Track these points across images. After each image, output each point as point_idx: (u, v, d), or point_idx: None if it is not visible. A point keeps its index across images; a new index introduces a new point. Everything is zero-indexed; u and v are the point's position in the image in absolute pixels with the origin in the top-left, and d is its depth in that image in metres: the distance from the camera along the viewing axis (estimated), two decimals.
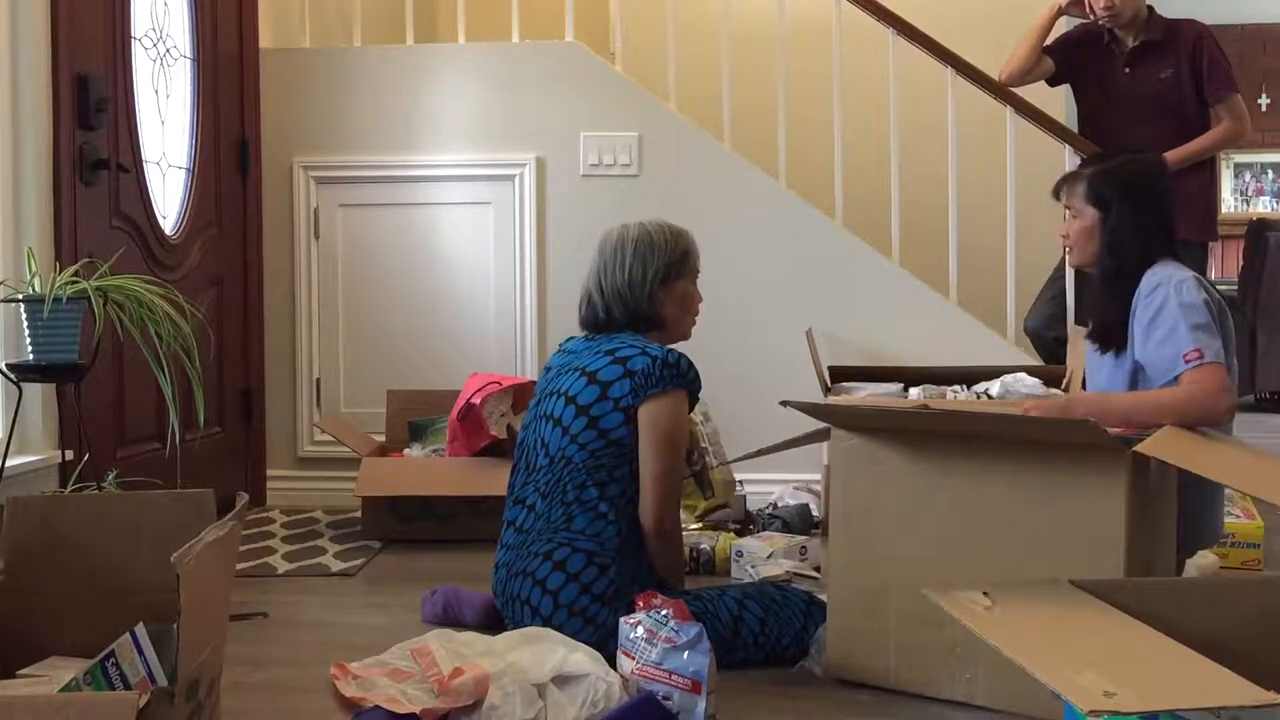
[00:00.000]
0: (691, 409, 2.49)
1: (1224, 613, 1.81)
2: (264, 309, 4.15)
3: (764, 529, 3.39)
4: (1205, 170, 3.89)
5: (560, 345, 2.66)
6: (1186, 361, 2.36)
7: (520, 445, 2.56)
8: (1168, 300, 2.42)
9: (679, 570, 2.55)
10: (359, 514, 3.62)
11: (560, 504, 2.41)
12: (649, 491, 2.41)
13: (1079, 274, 3.66)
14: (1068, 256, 2.72)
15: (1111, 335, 2.56)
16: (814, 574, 3.03)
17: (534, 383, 2.91)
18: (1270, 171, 9.31)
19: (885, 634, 2.25)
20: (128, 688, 1.67)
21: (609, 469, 2.40)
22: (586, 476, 2.40)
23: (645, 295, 2.52)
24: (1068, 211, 2.65)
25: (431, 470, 3.60)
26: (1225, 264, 8.67)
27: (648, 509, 2.41)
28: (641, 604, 2.11)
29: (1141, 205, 2.56)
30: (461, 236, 4.16)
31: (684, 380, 2.43)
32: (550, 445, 2.45)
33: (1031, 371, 3.56)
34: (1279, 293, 6.13)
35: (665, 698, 2.00)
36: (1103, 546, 2.05)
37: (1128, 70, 3.82)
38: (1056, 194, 2.71)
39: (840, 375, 3.70)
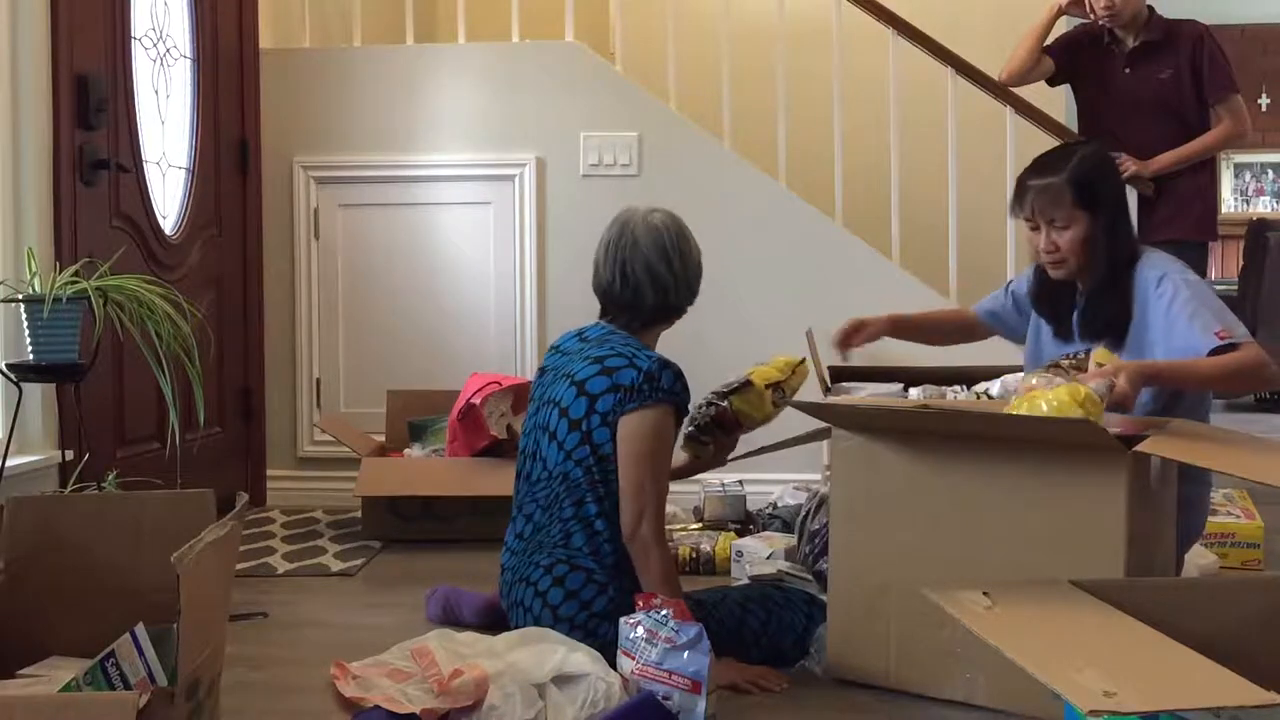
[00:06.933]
0: (678, 424, 2.42)
1: (1224, 613, 1.81)
2: (264, 309, 4.15)
3: (764, 529, 3.39)
4: (1205, 170, 3.88)
5: (554, 344, 2.60)
6: (1220, 339, 2.36)
7: (521, 452, 2.52)
8: (1179, 289, 2.45)
9: (663, 585, 2.29)
10: (359, 514, 3.62)
11: (558, 520, 2.37)
12: (625, 503, 2.33)
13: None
14: (1051, 271, 2.57)
15: (1115, 334, 2.54)
16: (807, 576, 3.01)
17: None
18: (1270, 171, 9.31)
19: (885, 634, 2.25)
20: (128, 688, 1.67)
21: (605, 484, 2.35)
22: (585, 492, 2.36)
23: (696, 288, 2.51)
24: (1049, 226, 2.51)
25: (431, 470, 3.60)
26: (1225, 264, 8.67)
27: (624, 518, 2.33)
28: (641, 604, 2.11)
29: (1122, 193, 2.60)
30: (461, 236, 4.16)
31: (667, 395, 2.35)
32: (548, 460, 2.41)
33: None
34: (1279, 293, 6.13)
35: (665, 698, 2.00)
36: (1103, 546, 2.05)
37: (1128, 70, 3.81)
38: (1018, 212, 2.56)
39: (840, 375, 3.69)
